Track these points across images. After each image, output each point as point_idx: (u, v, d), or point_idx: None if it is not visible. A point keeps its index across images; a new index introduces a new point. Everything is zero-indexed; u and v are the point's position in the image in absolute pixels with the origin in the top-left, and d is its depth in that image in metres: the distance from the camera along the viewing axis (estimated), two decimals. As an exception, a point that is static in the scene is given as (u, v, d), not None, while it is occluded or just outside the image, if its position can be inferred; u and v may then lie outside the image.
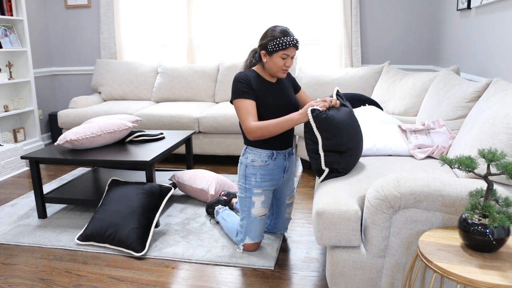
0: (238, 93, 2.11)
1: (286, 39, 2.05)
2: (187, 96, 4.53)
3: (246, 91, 2.10)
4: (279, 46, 2.05)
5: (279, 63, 2.09)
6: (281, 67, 2.10)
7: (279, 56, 2.08)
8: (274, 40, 2.06)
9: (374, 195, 1.62)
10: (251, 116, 2.08)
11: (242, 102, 2.10)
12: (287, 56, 2.08)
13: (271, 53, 2.09)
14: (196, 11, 4.64)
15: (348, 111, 2.04)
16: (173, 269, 2.18)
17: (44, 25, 5.00)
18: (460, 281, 1.24)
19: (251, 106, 2.10)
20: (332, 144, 1.94)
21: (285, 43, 2.05)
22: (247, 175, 2.21)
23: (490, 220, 1.31)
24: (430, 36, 4.33)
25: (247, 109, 2.09)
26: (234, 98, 2.13)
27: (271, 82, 2.20)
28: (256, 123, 2.06)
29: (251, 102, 2.10)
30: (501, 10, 2.64)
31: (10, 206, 3.07)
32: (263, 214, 2.25)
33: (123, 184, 2.63)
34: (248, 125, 2.07)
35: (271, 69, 2.13)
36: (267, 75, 2.20)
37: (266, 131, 2.05)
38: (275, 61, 2.09)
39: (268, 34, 2.10)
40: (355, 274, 1.70)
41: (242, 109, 2.09)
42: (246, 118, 2.08)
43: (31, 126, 4.60)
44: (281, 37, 2.05)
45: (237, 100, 2.12)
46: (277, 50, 2.06)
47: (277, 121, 2.04)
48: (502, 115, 1.69)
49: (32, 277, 2.14)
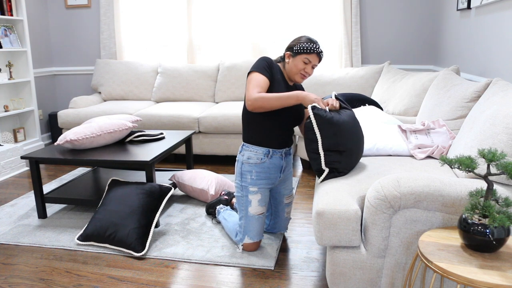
0: (257, 67, 2.15)
1: (312, 45, 2.14)
2: (187, 96, 4.53)
3: (265, 69, 2.15)
4: (304, 49, 2.13)
5: (300, 66, 2.15)
6: (300, 70, 2.16)
7: (301, 59, 2.14)
8: (300, 43, 2.14)
9: (374, 195, 1.62)
10: (259, 88, 2.10)
11: (257, 76, 2.12)
12: (309, 61, 2.14)
13: (295, 54, 2.15)
14: (196, 11, 4.64)
15: (350, 113, 2.06)
16: (173, 269, 2.18)
17: (44, 25, 5.00)
18: (460, 281, 1.24)
19: (264, 82, 2.12)
20: (331, 143, 1.94)
21: (310, 49, 2.13)
22: (243, 172, 2.21)
23: (490, 220, 1.32)
24: (430, 36, 4.33)
25: (259, 82, 2.11)
26: (252, 70, 2.15)
27: (288, 83, 2.26)
28: (259, 93, 2.07)
29: (265, 79, 2.13)
30: (501, 10, 2.64)
31: (10, 206, 3.08)
32: (261, 212, 2.25)
33: (123, 184, 2.63)
34: (251, 93, 2.08)
35: (291, 70, 2.18)
36: (286, 76, 2.26)
37: (267, 101, 2.04)
38: (296, 62, 2.15)
39: (297, 39, 2.20)
40: (355, 274, 1.70)
41: (254, 81, 2.11)
42: (253, 88, 2.09)
43: (31, 126, 4.60)
44: (308, 43, 2.14)
45: (254, 72, 2.14)
46: (301, 52, 2.13)
47: (280, 95, 2.04)
48: (502, 115, 1.69)
49: (32, 277, 2.14)
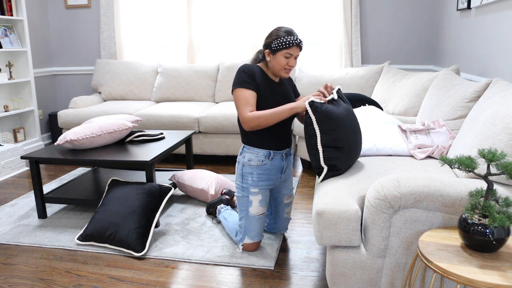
0: (240, 82, 2.11)
1: (290, 38, 2.06)
2: (187, 96, 4.53)
3: (248, 82, 2.10)
4: (283, 44, 2.06)
5: (282, 62, 2.10)
6: (284, 66, 2.11)
7: (282, 55, 2.08)
8: (278, 39, 2.07)
9: (374, 195, 1.62)
10: (249, 106, 2.08)
11: (243, 92, 2.09)
12: (290, 55, 2.09)
13: (274, 52, 2.09)
14: (196, 11, 4.64)
15: (348, 108, 2.04)
16: (173, 269, 2.18)
17: (44, 25, 5.00)
18: (460, 281, 1.24)
19: (251, 97, 2.09)
20: (330, 138, 1.93)
21: (288, 42, 2.06)
22: (244, 174, 2.21)
23: (490, 220, 1.31)
24: (430, 36, 4.33)
25: (247, 99, 2.08)
26: (236, 87, 2.12)
27: (274, 81, 2.21)
28: (252, 113, 2.06)
29: (251, 92, 2.10)
30: (501, 10, 2.64)
31: (10, 206, 3.07)
32: (261, 213, 2.25)
33: (123, 184, 2.63)
34: (245, 114, 2.07)
35: (274, 68, 2.13)
36: (271, 74, 2.21)
37: (263, 120, 2.04)
38: (278, 59, 2.10)
39: (272, 34, 2.12)
40: (355, 274, 1.70)
41: (242, 99, 2.09)
42: (243, 108, 2.08)
43: (31, 126, 4.59)
44: (285, 36, 2.06)
45: (238, 89, 2.11)
46: (280, 48, 2.07)
47: (273, 110, 2.04)
48: (502, 115, 1.69)
49: (32, 277, 2.14)
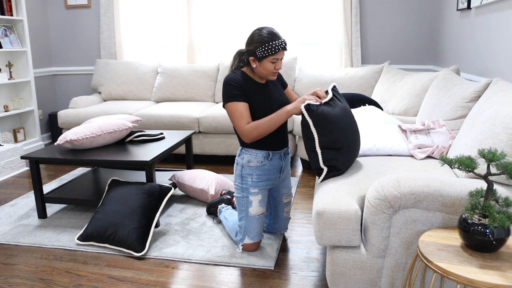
0: (230, 96, 2.08)
1: (274, 43, 2.00)
2: (187, 96, 4.53)
3: (238, 94, 2.07)
4: (268, 52, 2.01)
5: (270, 68, 2.06)
6: (271, 71, 2.08)
7: (269, 61, 2.04)
8: (262, 45, 2.01)
9: (374, 195, 1.62)
10: (245, 119, 2.07)
11: (235, 105, 2.07)
12: (277, 60, 2.05)
13: (260, 59, 2.04)
14: (196, 11, 4.64)
15: (344, 107, 2.02)
16: (173, 269, 2.18)
17: (44, 25, 5.00)
18: (460, 281, 1.24)
19: (245, 109, 2.07)
20: (328, 140, 1.92)
21: (274, 48, 2.00)
22: (244, 175, 2.21)
23: (490, 220, 1.31)
24: (430, 36, 4.33)
25: (241, 112, 2.06)
26: (227, 101, 2.09)
27: (261, 83, 2.18)
28: (250, 125, 2.05)
29: (243, 104, 2.08)
30: (501, 10, 2.64)
31: (10, 206, 3.07)
32: (261, 212, 2.25)
33: (123, 184, 2.63)
34: (243, 128, 2.06)
35: (262, 74, 2.10)
36: (257, 77, 2.17)
37: (262, 129, 2.04)
38: (265, 66, 2.06)
39: (255, 39, 2.04)
40: (355, 274, 1.70)
41: (236, 113, 2.06)
42: (240, 121, 2.06)
43: (31, 126, 4.60)
44: (269, 42, 2.00)
45: (230, 103, 2.08)
46: (266, 55, 2.02)
47: (270, 117, 2.04)
48: (502, 115, 1.69)
49: (32, 277, 2.14)
